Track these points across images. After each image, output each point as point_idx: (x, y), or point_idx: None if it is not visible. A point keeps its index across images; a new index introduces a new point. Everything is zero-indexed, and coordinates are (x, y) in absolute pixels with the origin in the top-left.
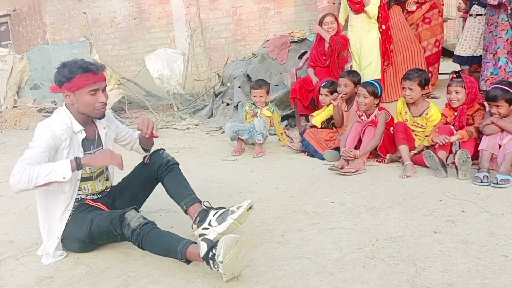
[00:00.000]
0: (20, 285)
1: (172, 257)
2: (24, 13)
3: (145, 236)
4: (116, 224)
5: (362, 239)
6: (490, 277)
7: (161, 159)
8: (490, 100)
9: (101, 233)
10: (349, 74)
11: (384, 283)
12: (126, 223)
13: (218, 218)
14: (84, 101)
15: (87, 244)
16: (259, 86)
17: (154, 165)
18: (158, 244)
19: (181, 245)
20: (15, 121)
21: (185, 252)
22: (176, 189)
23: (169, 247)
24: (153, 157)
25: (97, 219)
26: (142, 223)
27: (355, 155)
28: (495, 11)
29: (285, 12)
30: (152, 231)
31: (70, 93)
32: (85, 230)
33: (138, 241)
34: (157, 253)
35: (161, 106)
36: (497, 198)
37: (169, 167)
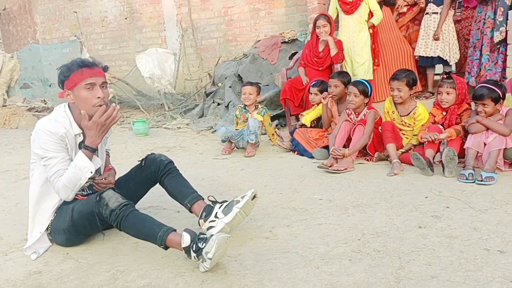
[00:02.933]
0: (9, 280)
1: (150, 241)
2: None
3: (125, 218)
4: (94, 205)
5: (348, 234)
6: (472, 269)
7: (156, 161)
8: (477, 98)
9: (82, 218)
10: (339, 75)
11: (369, 276)
12: (104, 202)
13: (224, 210)
14: (82, 96)
15: (73, 234)
16: (250, 84)
17: (150, 167)
18: (138, 227)
19: (161, 232)
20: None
21: (165, 239)
22: (178, 189)
23: (149, 231)
24: (147, 160)
25: (78, 205)
26: (122, 203)
27: (344, 153)
28: (483, 8)
29: (276, 12)
30: (132, 214)
31: (69, 92)
32: (68, 220)
33: (117, 222)
34: (136, 235)
35: (152, 106)
36: (481, 195)
37: (167, 169)
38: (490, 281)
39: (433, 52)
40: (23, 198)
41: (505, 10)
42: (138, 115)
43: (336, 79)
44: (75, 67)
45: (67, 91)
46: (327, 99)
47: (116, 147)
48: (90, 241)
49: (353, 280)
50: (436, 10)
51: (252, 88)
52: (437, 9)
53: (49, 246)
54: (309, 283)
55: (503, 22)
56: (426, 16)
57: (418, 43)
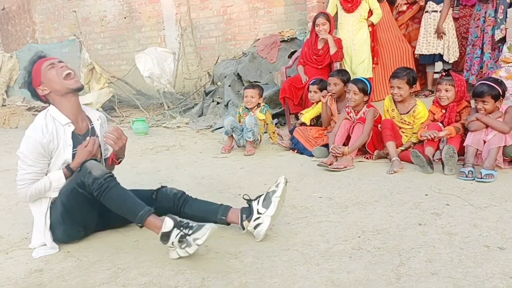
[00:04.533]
0: (10, 278)
1: (129, 217)
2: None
3: (109, 190)
4: (75, 176)
5: (348, 231)
6: (472, 266)
7: (169, 197)
8: (477, 96)
9: (69, 198)
10: (339, 73)
11: (370, 273)
12: (87, 170)
13: (264, 203)
14: (50, 77)
15: (68, 223)
16: (252, 86)
17: (163, 203)
18: (120, 202)
19: (143, 211)
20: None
21: (145, 219)
22: (204, 210)
23: (131, 208)
24: (159, 196)
25: (63, 188)
26: (107, 173)
27: (344, 151)
28: (482, 6)
29: (275, 11)
30: (116, 186)
31: (40, 86)
32: (59, 207)
33: (99, 192)
34: (115, 209)
35: (152, 105)
36: (481, 192)
37: (183, 199)
38: (490, 277)
39: (435, 49)
40: None
41: (505, 8)
42: (137, 114)
43: (335, 77)
44: (30, 67)
45: (39, 87)
46: (327, 98)
47: None
48: (91, 239)
49: (354, 277)
50: (436, 8)
51: (254, 91)
52: (437, 7)
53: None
54: (309, 280)
55: (503, 20)
56: (426, 14)
57: (419, 42)
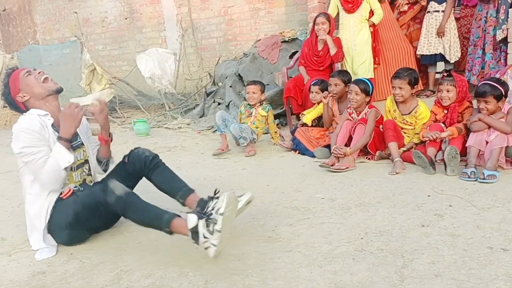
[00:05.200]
0: (13, 280)
1: (155, 226)
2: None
3: (132, 204)
4: (99, 194)
5: (351, 233)
6: (475, 267)
7: (140, 158)
8: (479, 96)
9: (86, 209)
10: (340, 73)
11: (373, 274)
12: (110, 190)
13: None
14: (29, 83)
15: (75, 228)
16: (254, 82)
17: (135, 164)
18: (144, 212)
19: (168, 215)
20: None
21: (170, 222)
22: (168, 184)
23: (155, 216)
24: (131, 157)
25: (80, 197)
26: (127, 191)
27: (346, 152)
28: (484, 6)
29: (276, 12)
30: (137, 200)
31: (19, 94)
32: (70, 214)
33: (123, 208)
34: (140, 221)
35: (153, 106)
36: (484, 193)
37: (153, 165)
38: (494, 279)
39: (435, 50)
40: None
41: (507, 8)
42: (138, 115)
43: (336, 77)
44: (7, 79)
45: (18, 95)
46: (328, 98)
47: (117, 147)
48: (93, 241)
49: (357, 279)
50: (438, 8)
51: (255, 87)
52: (439, 7)
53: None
54: (312, 282)
55: (505, 20)
56: (427, 15)
57: (420, 42)
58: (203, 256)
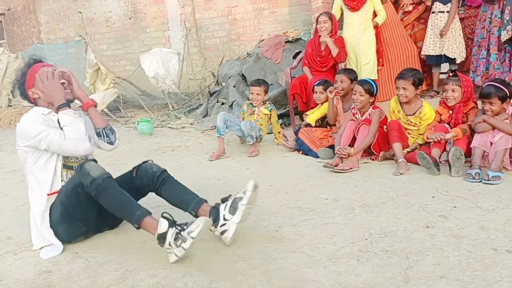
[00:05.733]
0: (19, 279)
1: (126, 218)
2: (19, 12)
3: (106, 190)
4: (75, 177)
5: (355, 233)
6: (480, 269)
7: (147, 173)
8: (484, 97)
9: (69, 197)
10: (345, 71)
11: (378, 276)
12: (86, 171)
13: (230, 209)
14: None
15: (67, 221)
16: (258, 84)
17: (142, 179)
18: (117, 202)
19: (140, 212)
20: (10, 120)
21: (141, 220)
22: (178, 197)
23: (127, 209)
24: (139, 171)
25: (63, 188)
26: (104, 174)
27: (350, 153)
28: (488, 7)
29: (279, 12)
30: (113, 188)
31: (32, 89)
32: (58, 205)
33: (96, 193)
34: (111, 209)
35: (156, 106)
36: (488, 194)
37: (161, 180)
38: (498, 280)
39: (441, 50)
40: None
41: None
42: (142, 114)
43: (342, 74)
44: (26, 69)
45: (31, 90)
46: (333, 93)
47: (121, 146)
48: (98, 240)
49: (362, 280)
50: (443, 8)
51: (259, 88)
52: (443, 8)
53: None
54: (317, 283)
55: (509, 21)
56: (432, 15)
57: (425, 42)
58: (207, 256)
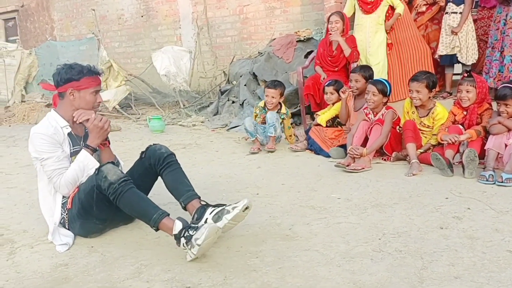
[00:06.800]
0: (36, 272)
1: (144, 220)
2: (32, 9)
3: (123, 194)
4: (93, 179)
5: (369, 233)
6: (495, 270)
7: (155, 153)
8: (499, 99)
9: (86, 195)
10: (361, 69)
11: (392, 275)
12: (103, 175)
13: (214, 217)
14: (87, 99)
15: (84, 217)
16: (274, 86)
17: (149, 159)
18: (134, 205)
19: (157, 214)
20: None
21: (159, 222)
22: (175, 185)
23: (144, 212)
24: (148, 152)
25: (82, 186)
26: (121, 178)
27: (362, 153)
28: (503, 8)
29: (291, 11)
30: (130, 191)
31: (74, 91)
32: (77, 202)
33: (114, 196)
34: (130, 212)
35: (167, 103)
36: (502, 196)
37: (166, 162)
38: None
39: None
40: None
41: None
42: (153, 112)
43: (357, 73)
44: (87, 73)
45: (72, 89)
46: (347, 93)
47: (132, 143)
48: (113, 235)
49: (376, 279)
50: (456, 9)
51: (275, 91)
52: (457, 9)
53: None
54: (331, 281)
55: None
56: (445, 16)
57: (441, 43)
58: (221, 252)
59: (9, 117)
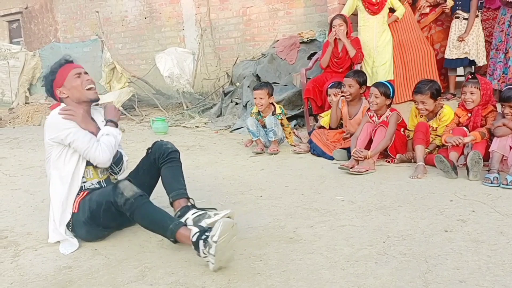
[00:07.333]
0: (40, 275)
1: (161, 233)
2: (36, 11)
3: (139, 208)
4: (109, 194)
5: (373, 236)
6: (500, 274)
7: (161, 148)
8: (504, 100)
9: (99, 207)
10: (355, 74)
11: (397, 279)
12: (120, 191)
13: (195, 219)
14: (75, 85)
15: (91, 225)
16: (260, 87)
17: (155, 154)
18: (150, 218)
19: (173, 225)
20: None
21: (175, 232)
22: (169, 181)
23: (160, 223)
24: (154, 146)
25: (95, 195)
26: (137, 193)
27: (366, 155)
28: (508, 10)
29: (294, 12)
30: (146, 204)
31: (61, 89)
32: (86, 211)
33: (131, 211)
34: (146, 226)
35: (171, 105)
36: (507, 199)
37: (168, 158)
38: None
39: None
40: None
41: None
42: (157, 113)
43: (351, 78)
44: (57, 67)
45: (59, 89)
46: (338, 98)
47: (135, 145)
48: (117, 237)
49: (380, 283)
50: (466, 16)
51: (262, 92)
52: (466, 15)
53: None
54: (335, 285)
55: None
56: (456, 20)
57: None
58: None
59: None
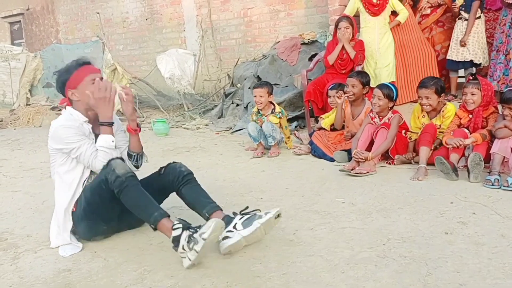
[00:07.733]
0: (39, 277)
1: (143, 217)
2: (37, 12)
3: (127, 188)
4: (101, 173)
5: (373, 238)
6: (501, 277)
7: (176, 171)
8: (505, 102)
9: (93, 193)
10: (358, 74)
11: (396, 282)
12: (111, 168)
13: (244, 222)
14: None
15: (90, 218)
16: (260, 85)
17: (169, 176)
18: (136, 200)
19: (158, 213)
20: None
21: (158, 221)
22: (196, 198)
23: (145, 208)
24: (168, 168)
25: (88, 184)
26: (129, 173)
27: (367, 157)
28: (509, 11)
29: (295, 14)
30: (135, 187)
31: (74, 91)
32: (83, 201)
33: (119, 189)
34: (131, 208)
35: (172, 106)
36: (508, 201)
37: (186, 180)
38: None
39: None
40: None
41: None
42: (157, 115)
43: (354, 78)
44: (73, 68)
45: (71, 90)
46: (342, 99)
47: None
48: (117, 240)
49: (380, 286)
50: (466, 17)
51: (262, 90)
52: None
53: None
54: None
55: None
56: (459, 21)
57: (451, 47)
58: (224, 258)
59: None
